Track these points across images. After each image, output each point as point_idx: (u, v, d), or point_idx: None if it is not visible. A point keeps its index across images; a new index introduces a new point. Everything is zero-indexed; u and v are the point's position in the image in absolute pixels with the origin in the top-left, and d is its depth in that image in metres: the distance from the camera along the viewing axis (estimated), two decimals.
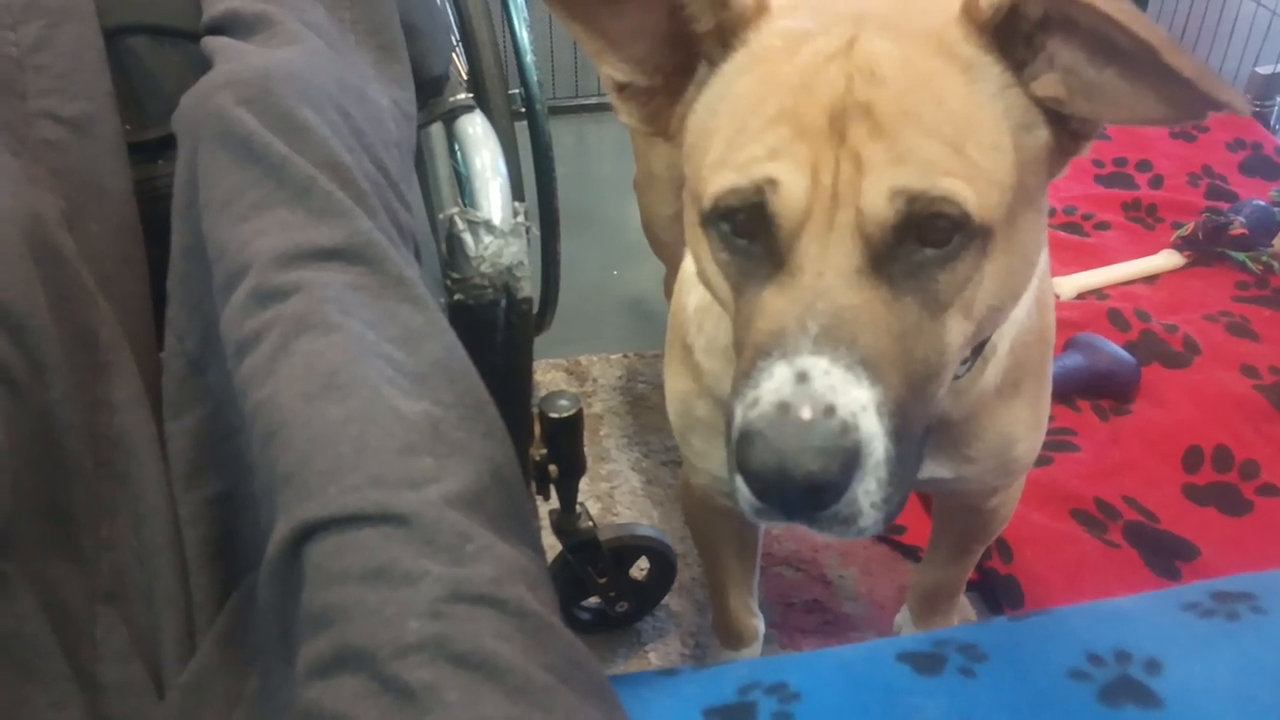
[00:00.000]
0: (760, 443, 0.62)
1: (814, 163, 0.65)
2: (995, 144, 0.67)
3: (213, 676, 0.76)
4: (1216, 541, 1.55)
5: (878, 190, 0.64)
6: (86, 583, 0.77)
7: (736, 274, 0.71)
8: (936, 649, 0.88)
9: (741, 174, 0.67)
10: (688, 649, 1.49)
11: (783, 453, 0.61)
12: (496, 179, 1.10)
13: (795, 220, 0.66)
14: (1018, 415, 0.95)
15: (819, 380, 0.62)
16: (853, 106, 0.65)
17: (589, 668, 0.62)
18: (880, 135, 0.65)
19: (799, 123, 0.66)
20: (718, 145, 0.70)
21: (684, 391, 1.01)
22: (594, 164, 2.69)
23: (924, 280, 0.67)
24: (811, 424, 0.61)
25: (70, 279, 0.83)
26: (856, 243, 0.65)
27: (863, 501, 0.64)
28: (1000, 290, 0.71)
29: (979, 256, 0.67)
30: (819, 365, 0.63)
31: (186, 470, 0.82)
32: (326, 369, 0.70)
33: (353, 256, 0.78)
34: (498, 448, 0.72)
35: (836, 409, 0.62)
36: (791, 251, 0.66)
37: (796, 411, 0.62)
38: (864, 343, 0.64)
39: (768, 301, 0.67)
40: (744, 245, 0.69)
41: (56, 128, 0.91)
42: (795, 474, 0.61)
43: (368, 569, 0.60)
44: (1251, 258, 2.09)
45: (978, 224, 0.66)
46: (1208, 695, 0.79)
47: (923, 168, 0.64)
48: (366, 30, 1.05)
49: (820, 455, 0.61)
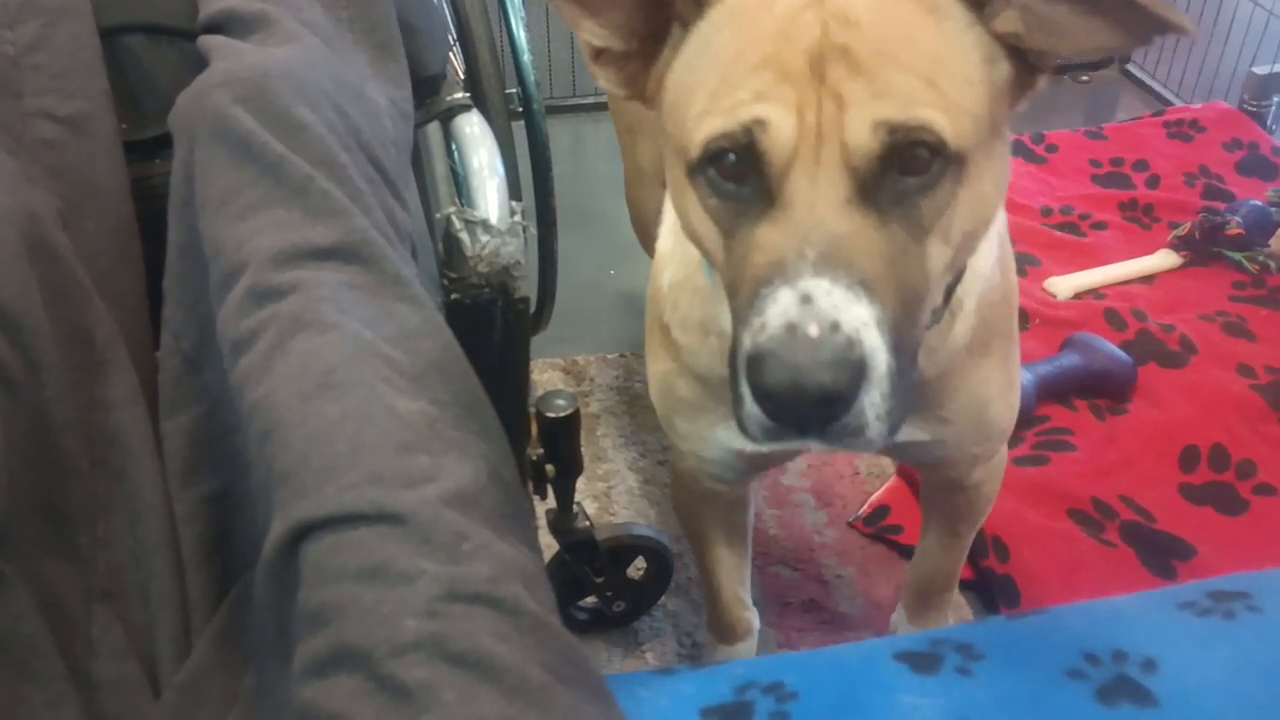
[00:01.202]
0: (773, 361, 0.66)
1: (798, 103, 0.69)
2: (964, 77, 0.72)
3: (209, 675, 0.76)
4: (1213, 541, 1.56)
5: (860, 123, 0.69)
6: (82, 581, 0.77)
7: (727, 217, 0.74)
8: (933, 648, 0.88)
9: (729, 118, 0.71)
10: (684, 648, 1.49)
11: (796, 368, 0.65)
12: (493, 178, 1.10)
13: (784, 157, 0.70)
14: (989, 375, 0.99)
15: (822, 300, 0.66)
16: (830, 49, 0.69)
17: (586, 667, 0.62)
18: (859, 74, 0.69)
19: (781, 67, 0.70)
20: (701, 97, 0.73)
21: (665, 372, 1.04)
22: (591, 163, 2.69)
23: (907, 207, 0.71)
24: (820, 340, 0.65)
25: (66, 277, 0.83)
26: (844, 175, 0.69)
27: (869, 413, 0.68)
28: (973, 216, 0.75)
29: (955, 183, 0.72)
30: (821, 286, 0.66)
31: (182, 469, 0.82)
32: (323, 368, 0.70)
33: (349, 255, 0.78)
34: (494, 447, 0.72)
35: (841, 325, 0.66)
36: (782, 188, 0.70)
37: (804, 330, 0.65)
38: (860, 265, 0.68)
39: (763, 236, 0.71)
40: (733, 189, 0.73)
41: (53, 126, 0.91)
42: (809, 387, 0.65)
43: (364, 568, 0.60)
44: (1248, 257, 2.09)
45: (953, 151, 0.71)
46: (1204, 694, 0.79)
47: (901, 101, 0.69)
48: (363, 29, 1.05)
49: (830, 368, 0.65)
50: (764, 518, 1.68)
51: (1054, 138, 2.56)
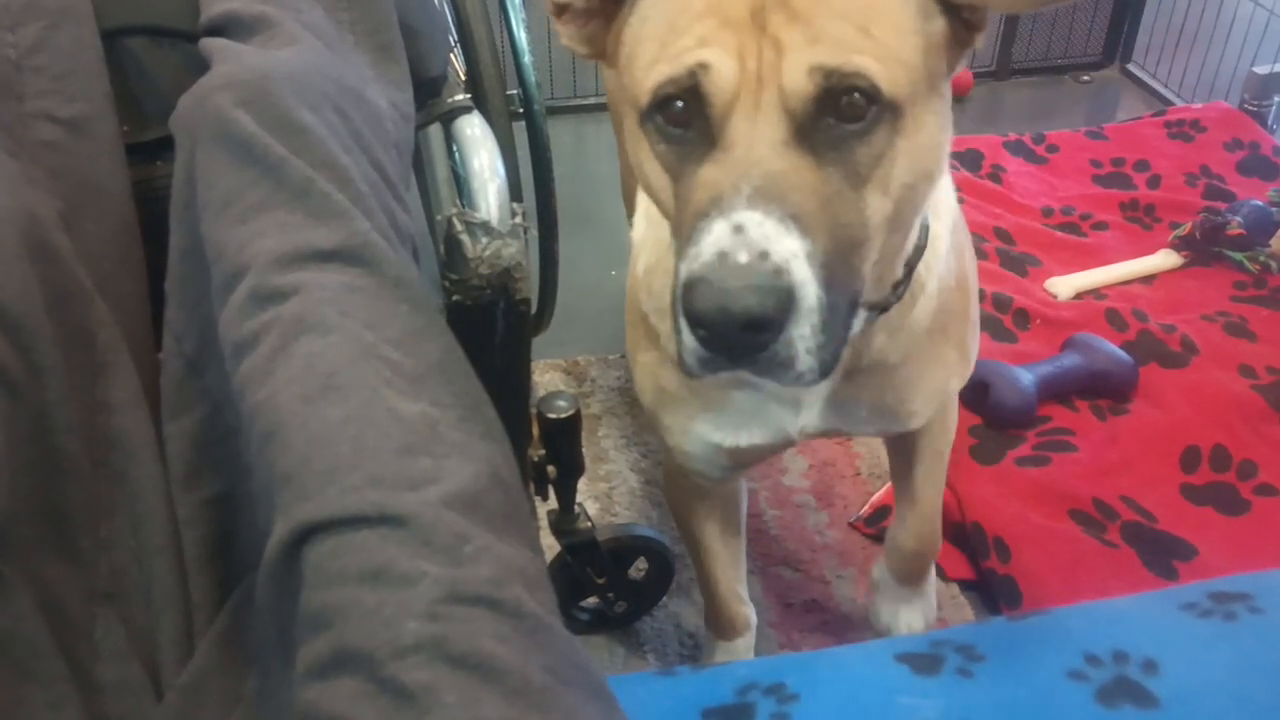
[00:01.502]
0: (703, 287, 0.69)
1: (739, 49, 0.73)
2: (899, 27, 0.76)
3: (211, 677, 0.76)
4: (1214, 541, 1.56)
5: (797, 68, 0.72)
6: (84, 583, 0.77)
7: (674, 161, 0.78)
8: (934, 649, 0.88)
9: (675, 64, 0.74)
10: (686, 649, 1.49)
11: (725, 292, 0.68)
12: (494, 180, 1.10)
13: (726, 99, 0.73)
14: (948, 357, 1.05)
15: (754, 230, 0.69)
16: None
17: (587, 668, 0.62)
18: (796, 21, 0.72)
19: (724, 15, 0.74)
20: (651, 47, 0.77)
21: (648, 363, 1.07)
22: (592, 164, 2.69)
23: (844, 153, 0.74)
24: (748, 266, 0.68)
25: (68, 280, 0.83)
26: (781, 117, 0.73)
27: (799, 345, 0.71)
28: (912, 168, 0.78)
29: (891, 133, 0.75)
30: (753, 218, 0.69)
31: (185, 471, 0.82)
32: (325, 370, 0.70)
33: (351, 258, 0.78)
34: (496, 448, 0.72)
35: (770, 254, 0.69)
36: (723, 130, 0.74)
37: (734, 257, 0.68)
38: (793, 201, 0.71)
39: (705, 175, 0.74)
40: (679, 133, 0.76)
41: (54, 129, 0.91)
42: (736, 311, 0.68)
43: (366, 570, 0.60)
44: (1249, 257, 2.10)
45: (888, 98, 0.74)
46: (1205, 695, 0.79)
47: (835, 46, 0.72)
48: (365, 31, 1.05)
49: (757, 293, 0.68)
50: (765, 519, 1.68)
51: (1055, 138, 2.56)
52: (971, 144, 2.52)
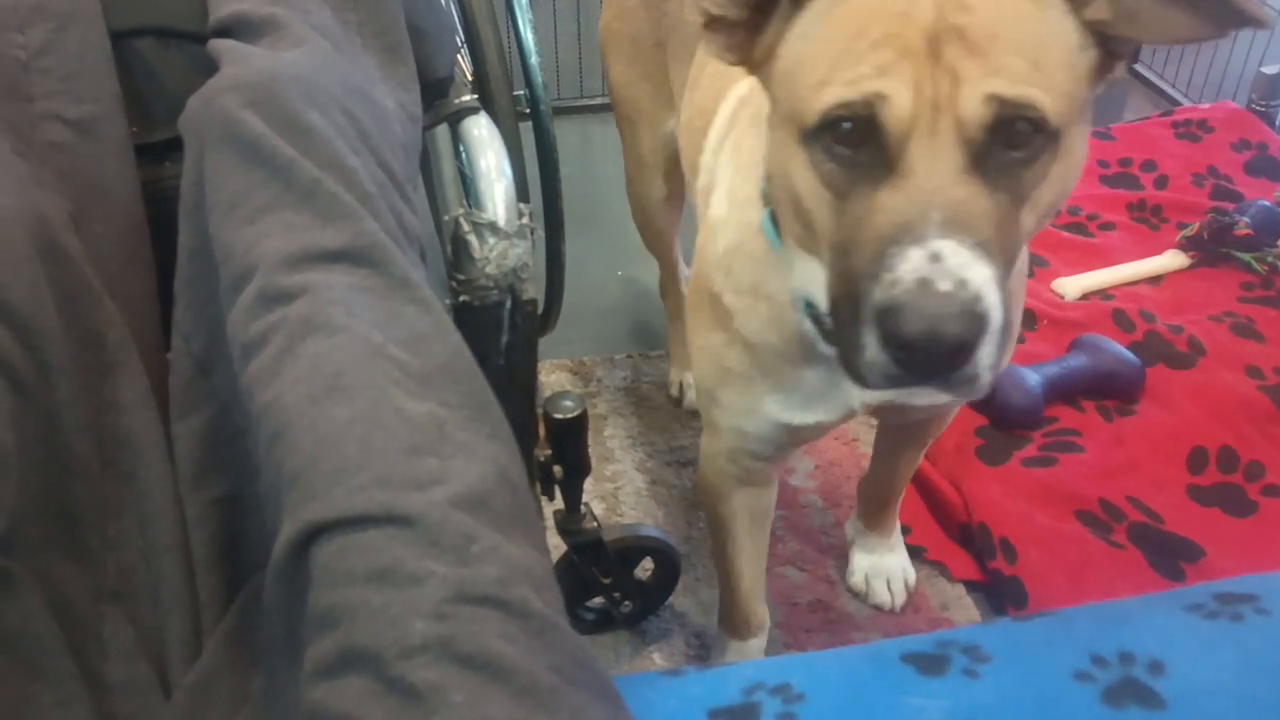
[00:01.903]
0: (910, 313, 0.73)
1: (916, 79, 0.76)
2: (1061, 61, 0.80)
3: (219, 676, 0.76)
4: (1221, 542, 1.55)
5: (974, 97, 0.76)
6: (93, 582, 0.77)
7: (842, 180, 0.81)
8: (940, 650, 0.88)
9: (851, 89, 0.77)
10: (692, 649, 1.49)
11: (932, 319, 0.72)
12: (501, 180, 1.10)
13: (902, 128, 0.76)
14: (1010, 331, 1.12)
15: (950, 259, 0.73)
16: (946, 30, 0.76)
17: (594, 668, 0.62)
18: (974, 54, 0.76)
19: (901, 45, 0.76)
20: (819, 68, 0.80)
21: (713, 345, 1.09)
22: (599, 165, 2.70)
23: (1011, 179, 0.78)
24: (951, 295, 0.72)
25: (77, 280, 0.84)
26: (958, 145, 0.76)
27: (982, 362, 0.76)
28: (1059, 189, 0.83)
29: (1050, 158, 0.80)
30: (948, 247, 0.73)
31: (193, 471, 0.82)
32: (332, 370, 0.70)
33: (359, 258, 0.78)
34: (503, 448, 0.72)
35: (968, 282, 0.73)
36: (901, 156, 0.77)
37: (936, 285, 0.73)
38: (979, 228, 0.75)
39: (884, 199, 0.77)
40: (848, 155, 0.79)
41: (63, 130, 0.92)
42: (945, 337, 0.73)
43: (373, 570, 0.60)
44: (1256, 258, 2.09)
45: (1052, 128, 0.78)
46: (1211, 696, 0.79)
47: (1011, 78, 0.76)
48: (372, 32, 1.05)
49: (961, 320, 0.72)
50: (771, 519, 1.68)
51: None
52: None
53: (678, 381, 1.92)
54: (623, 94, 1.64)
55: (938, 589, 1.58)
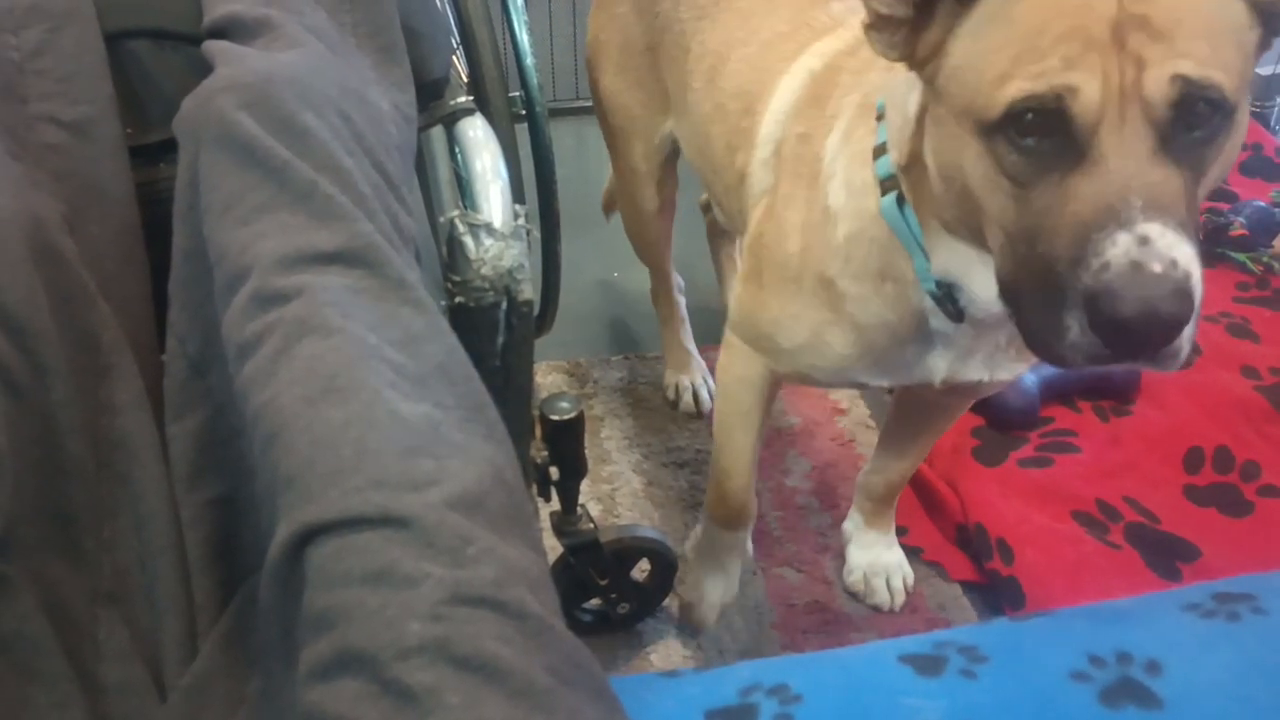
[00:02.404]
0: (1127, 296, 0.75)
1: (1104, 69, 0.78)
2: (1234, 41, 0.83)
3: (214, 678, 0.76)
4: (1217, 542, 1.56)
5: (1161, 80, 0.78)
6: (88, 584, 0.77)
7: (1028, 170, 0.83)
8: (937, 650, 0.88)
9: (1038, 83, 0.80)
10: (689, 650, 1.49)
11: (1148, 300, 0.75)
12: (497, 182, 1.10)
13: (1093, 117, 0.79)
14: None
15: (1159, 241, 0.76)
16: (1129, 20, 0.78)
17: (590, 670, 0.62)
18: (1157, 39, 0.78)
19: (1087, 37, 0.79)
20: (999, 62, 0.82)
21: (816, 321, 1.15)
22: (594, 166, 2.69)
23: (1194, 157, 0.81)
24: (1164, 276, 0.75)
25: (72, 282, 0.83)
26: (1148, 129, 0.79)
27: (1186, 339, 0.79)
28: (1228, 163, 0.86)
29: (1225, 135, 0.83)
30: (1155, 229, 0.76)
31: (188, 472, 0.82)
32: (327, 372, 0.70)
33: (354, 260, 0.78)
34: (498, 450, 0.72)
35: (1179, 263, 0.75)
36: (1092, 144, 0.79)
37: (1149, 268, 0.75)
38: (1177, 209, 0.78)
39: (1078, 186, 0.80)
40: (1033, 144, 0.82)
41: (58, 131, 0.91)
42: (1163, 316, 0.75)
43: (369, 571, 0.60)
44: (1252, 258, 2.10)
45: (1230, 105, 0.81)
46: (1208, 696, 0.79)
47: (1196, 61, 0.79)
48: (367, 33, 1.05)
49: (1175, 299, 0.75)
50: (768, 520, 1.68)
51: None
52: None
53: (673, 384, 1.92)
54: (614, 103, 1.64)
55: (935, 589, 1.58)
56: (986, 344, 1.10)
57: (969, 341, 1.09)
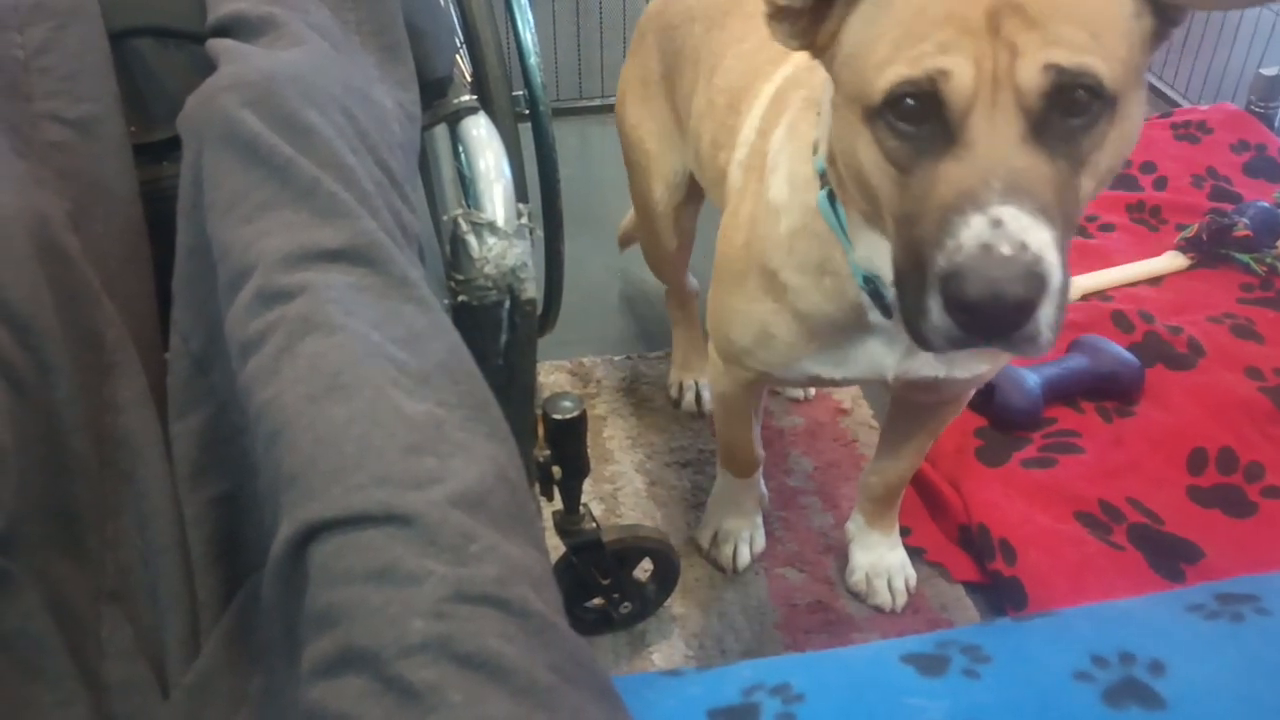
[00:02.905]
0: (973, 277, 0.76)
1: (977, 54, 0.79)
2: (1118, 29, 0.82)
3: (217, 676, 0.76)
4: (1221, 543, 1.55)
5: (1032, 67, 0.78)
6: (91, 582, 0.77)
7: (906, 155, 0.84)
8: (940, 650, 0.88)
9: (914, 67, 0.80)
10: (691, 650, 1.49)
11: (994, 281, 0.76)
12: (500, 181, 1.10)
13: (965, 102, 0.79)
14: None
15: (1011, 224, 0.76)
16: (1004, 6, 0.79)
17: (593, 668, 0.62)
18: (1032, 26, 0.79)
19: (962, 22, 0.79)
20: (882, 48, 0.83)
21: (758, 311, 1.18)
22: (597, 165, 2.70)
23: (1070, 145, 0.81)
24: (1012, 258, 0.76)
25: (76, 280, 0.83)
26: (1018, 115, 0.79)
27: (1043, 322, 0.79)
28: (1116, 153, 0.86)
29: (1108, 123, 0.83)
30: (1009, 212, 0.77)
31: (191, 470, 0.82)
32: (331, 370, 0.70)
33: (357, 257, 0.78)
34: (501, 448, 0.72)
35: (1028, 245, 0.76)
36: (963, 129, 0.80)
37: (998, 250, 0.76)
38: (1038, 194, 0.78)
39: (946, 170, 0.80)
40: (912, 130, 0.83)
41: (62, 129, 0.91)
42: (1007, 297, 0.76)
43: (371, 569, 0.60)
44: (1256, 259, 2.09)
45: (1110, 94, 0.81)
46: (1212, 696, 0.79)
47: (1069, 48, 0.79)
48: (371, 32, 1.05)
49: (1023, 281, 0.76)
50: (770, 520, 1.68)
51: None
52: None
53: (677, 383, 1.92)
54: (634, 137, 1.67)
55: (937, 590, 1.58)
56: None
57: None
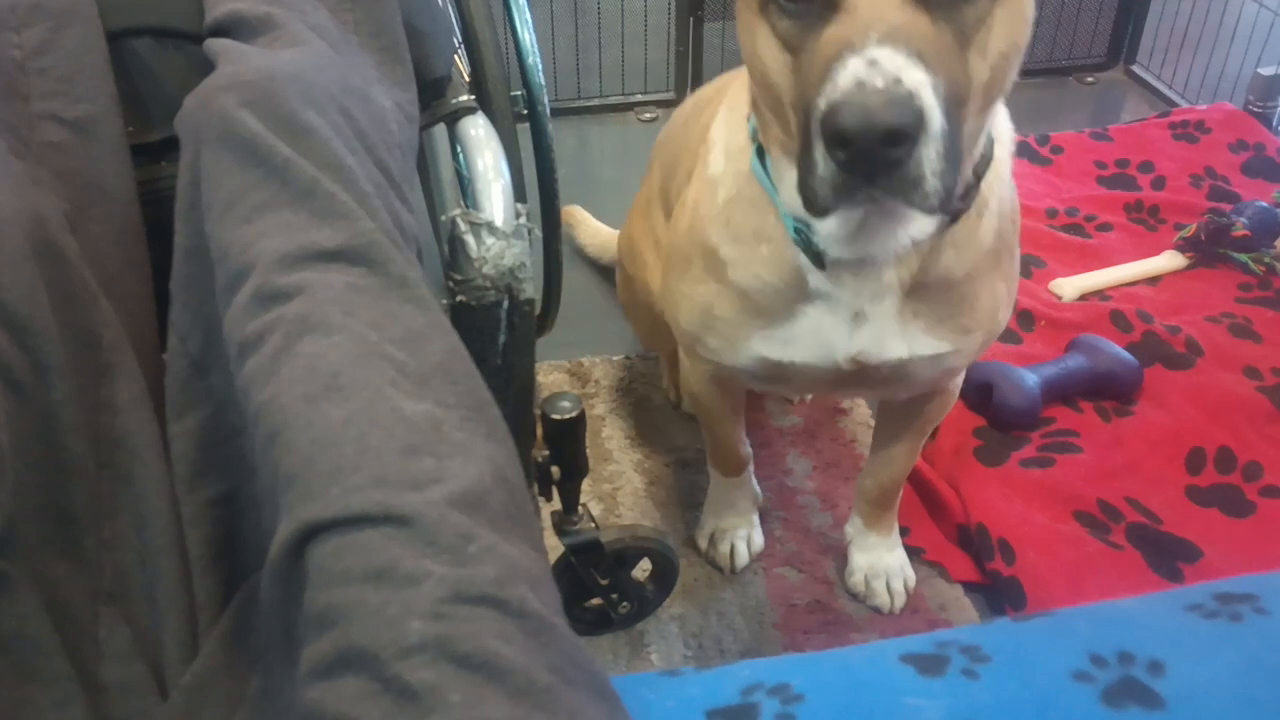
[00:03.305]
0: (846, 109, 0.77)
1: None
2: None
3: (215, 677, 0.76)
4: (1219, 543, 1.55)
5: None
6: (89, 583, 0.77)
7: (795, 34, 0.86)
8: (939, 650, 0.88)
9: None
10: (690, 650, 1.49)
11: (867, 109, 0.76)
12: (498, 181, 1.10)
13: None
14: (999, 286, 1.16)
15: (886, 63, 0.78)
16: None
17: (591, 668, 0.62)
18: None
19: None
20: None
21: (702, 294, 1.18)
22: (596, 166, 2.69)
23: (951, 13, 0.83)
24: (885, 90, 0.77)
25: (73, 281, 0.83)
26: None
27: (926, 167, 0.80)
28: (1007, 36, 0.87)
29: (991, 1, 0.85)
30: (884, 53, 0.78)
31: (189, 471, 0.82)
32: (329, 370, 0.70)
33: (355, 258, 0.78)
34: (500, 448, 0.72)
35: (903, 80, 0.78)
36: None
37: (872, 83, 0.77)
38: (916, 43, 0.79)
39: (828, 33, 0.82)
40: (797, 8, 0.85)
41: (60, 130, 0.91)
42: (878, 124, 0.76)
43: (370, 570, 0.60)
44: (1254, 259, 2.09)
45: None
46: (1211, 696, 0.79)
47: None
48: (369, 32, 1.05)
49: (895, 108, 0.77)
50: (769, 519, 1.68)
51: (1059, 139, 2.56)
52: None
53: (673, 384, 1.92)
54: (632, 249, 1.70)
55: (936, 590, 1.58)
56: (878, 312, 1.10)
57: (849, 299, 1.09)
